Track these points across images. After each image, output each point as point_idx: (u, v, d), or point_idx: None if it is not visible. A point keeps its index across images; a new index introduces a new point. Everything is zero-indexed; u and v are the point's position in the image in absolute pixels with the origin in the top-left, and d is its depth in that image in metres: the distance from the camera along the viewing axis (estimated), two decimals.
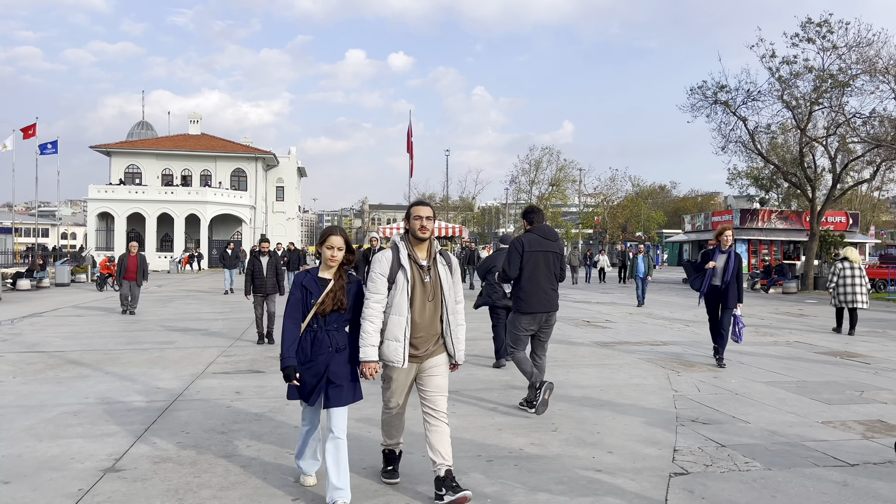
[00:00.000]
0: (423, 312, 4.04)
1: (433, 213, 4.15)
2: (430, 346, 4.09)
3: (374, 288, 3.99)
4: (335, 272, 4.01)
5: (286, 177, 62.08)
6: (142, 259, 15.77)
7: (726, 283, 8.55)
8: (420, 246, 4.09)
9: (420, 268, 4.07)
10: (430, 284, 4.07)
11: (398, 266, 4.02)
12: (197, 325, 13.43)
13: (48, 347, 10.33)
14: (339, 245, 3.96)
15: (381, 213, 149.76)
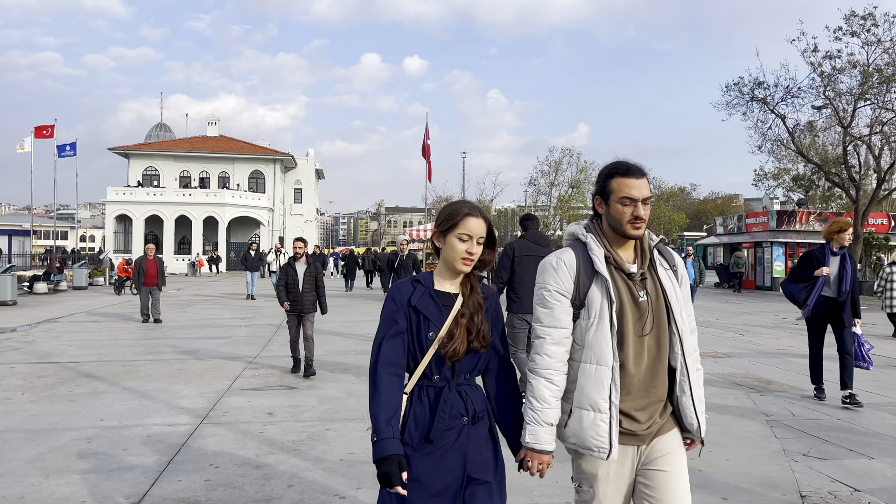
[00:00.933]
0: (639, 356, 2.25)
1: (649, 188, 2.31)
2: (656, 417, 2.29)
3: (551, 318, 2.25)
4: (463, 282, 2.32)
5: (304, 179, 61.60)
6: (160, 263, 14.81)
7: (845, 293, 6.84)
8: (624, 246, 2.34)
9: (629, 278, 2.29)
10: (649, 306, 2.27)
11: (591, 276, 2.26)
12: (219, 332, 12.68)
13: (62, 357, 9.61)
14: (479, 234, 2.25)
15: (398, 215, 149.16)
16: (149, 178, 53.01)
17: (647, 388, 2.27)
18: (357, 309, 17.49)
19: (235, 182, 54.02)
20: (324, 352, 10.10)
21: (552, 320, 2.26)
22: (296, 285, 8.37)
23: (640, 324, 2.25)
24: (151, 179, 53.02)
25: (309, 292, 8.43)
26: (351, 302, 19.72)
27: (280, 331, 12.78)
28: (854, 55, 23.39)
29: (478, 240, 2.25)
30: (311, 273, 8.48)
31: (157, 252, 15.27)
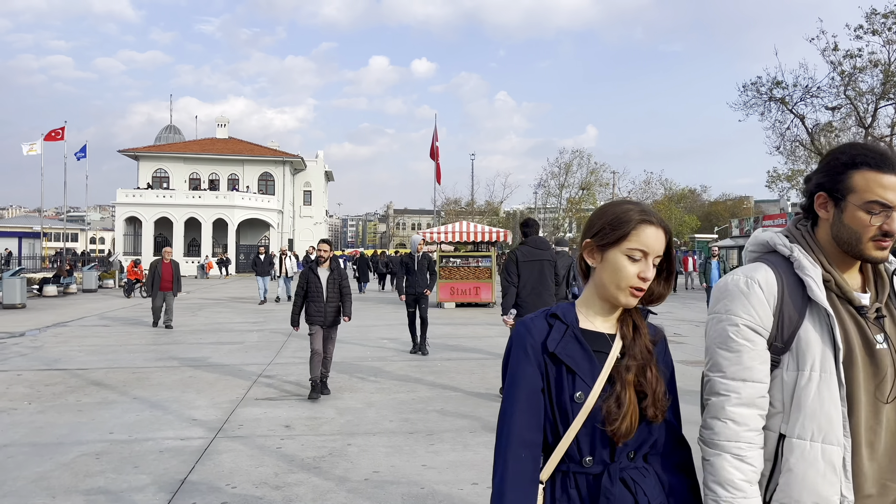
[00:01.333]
0: (874, 432, 1.50)
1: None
2: None
3: (739, 366, 1.53)
4: (622, 318, 1.58)
5: (314, 181, 61.48)
6: (176, 266, 14.07)
7: None
8: (850, 269, 1.58)
9: (860, 315, 1.54)
10: (890, 357, 1.51)
11: (801, 307, 1.53)
12: (231, 337, 12.39)
13: (70, 364, 9.34)
14: (657, 251, 1.51)
15: (407, 217, 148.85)
16: (158, 181, 52.97)
17: (884, 480, 1.50)
18: (370, 312, 17.18)
19: (245, 184, 53.93)
20: (339, 358, 9.79)
21: (740, 370, 1.52)
22: (319, 294, 7.45)
23: (876, 382, 1.50)
24: (161, 181, 52.99)
25: (333, 301, 7.52)
26: (364, 305, 19.41)
27: (295, 336, 12.48)
28: (875, 54, 22.95)
29: (654, 259, 1.50)
30: (334, 280, 7.52)
31: None
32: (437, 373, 8.71)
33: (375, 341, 11.79)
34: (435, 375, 8.52)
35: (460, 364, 9.43)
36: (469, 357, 10.11)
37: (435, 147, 50.14)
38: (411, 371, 8.83)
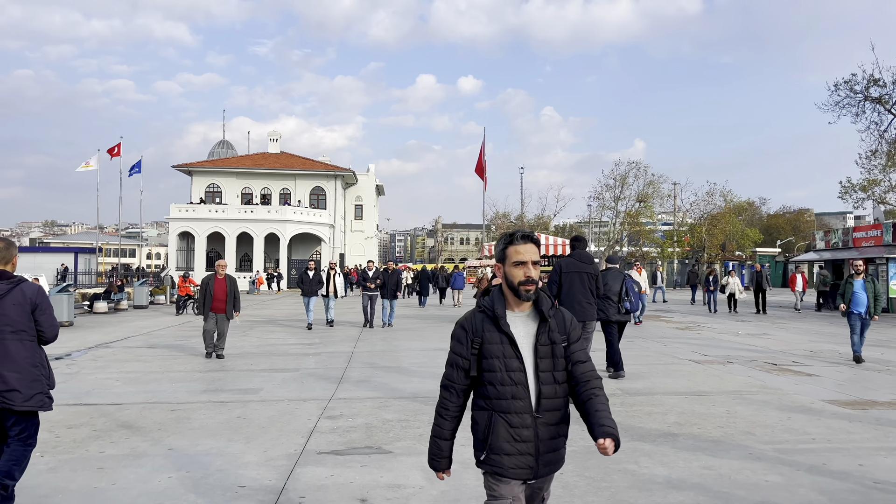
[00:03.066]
0: None
1: None
2: None
3: None
4: None
5: (365, 195, 60.75)
6: (231, 283, 11.72)
7: None
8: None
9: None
10: None
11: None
12: (285, 363, 11.03)
13: (103, 397, 8.05)
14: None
15: (455, 232, 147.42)
16: (211, 195, 52.91)
17: None
18: (433, 333, 15.67)
19: (297, 198, 53.43)
20: (410, 393, 8.29)
21: None
22: None
23: None
24: (214, 196, 52.92)
25: None
26: (425, 323, 17.93)
27: (355, 362, 11.04)
28: None
29: None
30: None
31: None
32: None
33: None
34: None
35: None
36: None
37: (482, 161, 48.86)
38: None
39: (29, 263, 42.48)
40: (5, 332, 4.01)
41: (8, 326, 4.02)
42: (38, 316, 4.13)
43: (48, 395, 4.20)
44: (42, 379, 4.13)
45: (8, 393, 3.99)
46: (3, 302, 4.04)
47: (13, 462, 4.09)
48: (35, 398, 4.08)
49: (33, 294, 4.13)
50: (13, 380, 3.99)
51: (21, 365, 4.03)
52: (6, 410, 4.03)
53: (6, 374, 3.98)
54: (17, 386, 3.99)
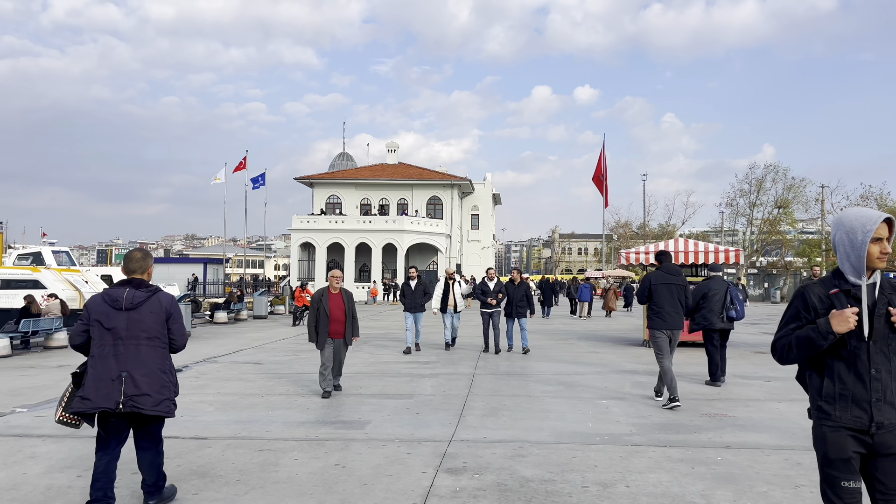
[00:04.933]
0: None
1: None
2: None
3: None
4: None
5: (481, 204, 59.48)
6: (349, 299, 9.00)
7: None
8: None
9: None
10: None
11: None
12: (398, 385, 9.59)
13: (187, 428, 6.90)
14: None
15: (573, 242, 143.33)
16: (331, 207, 53.59)
17: None
18: (563, 351, 13.81)
19: (414, 208, 53.05)
20: (550, 437, 6.55)
21: None
22: None
23: None
24: (334, 207, 53.56)
25: None
26: (552, 341, 16.07)
27: (478, 387, 9.43)
28: None
29: None
30: None
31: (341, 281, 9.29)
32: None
33: (592, 403, 8.39)
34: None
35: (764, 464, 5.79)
36: (773, 448, 6.41)
37: (602, 169, 46.26)
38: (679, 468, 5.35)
39: (162, 273, 44.47)
40: (140, 339, 4.17)
41: (143, 333, 4.18)
42: (171, 324, 4.30)
43: (174, 402, 4.32)
44: (170, 385, 4.27)
45: (139, 397, 4.11)
46: (141, 309, 4.21)
47: (156, 471, 4.33)
48: (163, 404, 4.21)
49: (168, 303, 4.31)
50: (144, 384, 4.11)
51: (153, 370, 4.17)
52: (135, 415, 4.18)
53: (138, 379, 4.11)
54: (148, 391, 4.12)
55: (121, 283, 4.34)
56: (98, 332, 4.18)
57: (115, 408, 4.06)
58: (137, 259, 4.38)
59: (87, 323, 4.23)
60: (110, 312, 4.19)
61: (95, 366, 4.13)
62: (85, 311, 4.26)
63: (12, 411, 7.71)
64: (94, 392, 4.06)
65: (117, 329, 4.15)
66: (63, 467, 5.41)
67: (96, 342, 4.18)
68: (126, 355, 4.14)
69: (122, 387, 4.08)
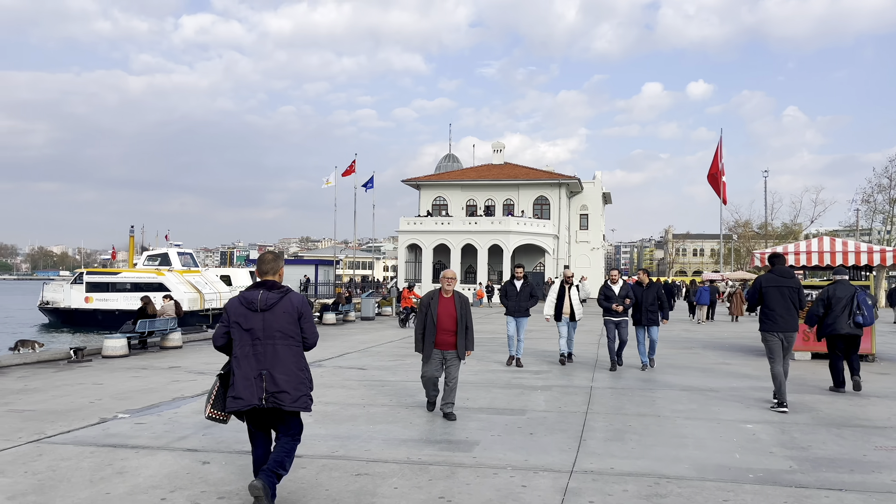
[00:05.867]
0: None
1: None
2: None
3: None
4: None
5: (590, 204, 57.59)
6: (463, 304, 7.55)
7: None
8: None
9: None
10: None
11: None
12: (507, 398, 8.77)
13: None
14: None
15: (687, 242, 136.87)
16: (437, 208, 53.56)
17: None
18: (689, 361, 12.50)
19: (520, 209, 52.07)
20: (692, 471, 5.52)
21: None
22: None
23: None
24: (440, 209, 53.50)
25: None
26: (676, 350, 14.71)
27: (597, 404, 8.46)
28: None
29: None
30: None
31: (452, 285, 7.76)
32: None
33: (735, 427, 7.22)
34: None
35: None
36: None
37: (719, 166, 43.32)
38: None
39: None
40: (276, 338, 4.36)
41: (279, 332, 4.37)
42: (303, 324, 4.48)
43: (310, 397, 4.50)
44: (306, 382, 4.46)
45: (279, 394, 4.32)
46: (275, 310, 4.38)
47: (285, 454, 4.42)
48: (301, 399, 4.40)
49: (300, 303, 4.49)
50: (283, 382, 4.31)
51: (290, 368, 4.36)
52: (276, 410, 4.38)
53: (277, 377, 4.31)
54: (287, 388, 4.31)
55: (255, 285, 4.51)
56: (238, 333, 4.40)
57: (259, 404, 4.30)
58: (269, 261, 4.55)
59: (227, 325, 4.46)
60: (247, 314, 4.39)
61: (240, 365, 4.35)
62: (225, 313, 4.51)
63: (115, 416, 7.56)
64: (243, 390, 4.30)
65: (255, 330, 4.36)
66: (149, 487, 5.01)
67: (237, 343, 4.39)
68: (264, 354, 4.34)
69: (263, 384, 4.30)
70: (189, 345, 16.07)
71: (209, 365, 12.26)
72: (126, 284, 35.59)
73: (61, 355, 13.09)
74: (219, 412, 4.50)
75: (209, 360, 12.93)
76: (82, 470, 5.41)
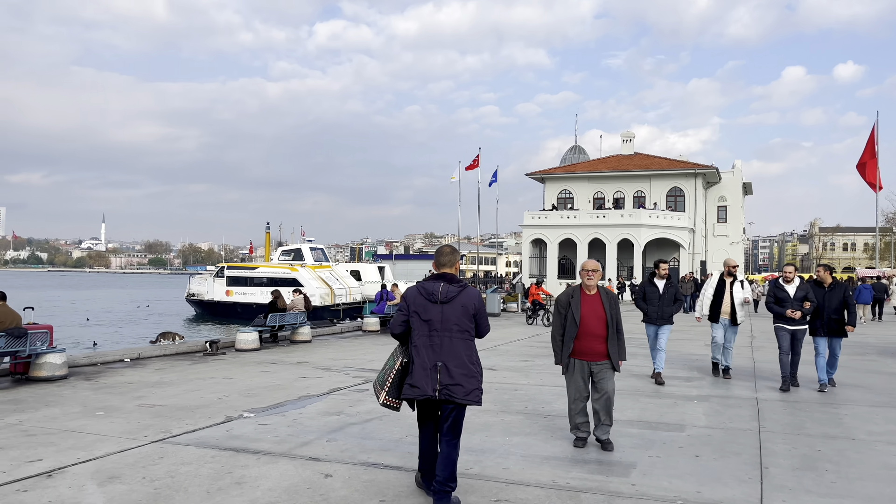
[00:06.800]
0: None
1: None
2: None
3: None
4: None
5: (729, 195, 53.74)
6: (611, 303, 6.16)
7: None
8: None
9: None
10: None
11: None
12: (659, 410, 7.69)
13: (407, 458, 5.76)
14: None
15: (837, 236, 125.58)
16: (563, 202, 52.02)
17: None
18: (863, 367, 10.72)
19: (652, 201, 49.44)
20: None
21: None
22: None
23: None
24: (565, 202, 51.94)
25: None
26: (848, 357, 12.83)
27: (770, 420, 7.19)
28: None
29: None
30: None
31: (600, 278, 6.68)
32: None
33: None
34: None
35: None
36: None
37: (873, 152, 38.79)
38: None
39: (403, 270, 46.48)
40: (453, 331, 4.41)
41: (455, 325, 4.42)
42: (478, 319, 4.55)
43: (481, 391, 4.50)
44: (477, 375, 4.47)
45: (452, 386, 4.36)
46: (454, 303, 4.43)
47: (450, 467, 4.39)
48: (472, 393, 4.43)
49: (476, 299, 4.53)
50: (457, 374, 4.36)
51: (463, 361, 4.40)
52: (448, 402, 4.40)
53: (452, 369, 4.37)
54: (460, 381, 4.36)
55: (434, 276, 4.59)
56: (417, 322, 4.47)
57: (433, 395, 4.35)
58: (447, 254, 4.64)
59: (406, 314, 4.53)
60: (427, 305, 4.45)
61: (419, 354, 4.42)
62: (403, 302, 4.58)
63: (240, 415, 7.27)
64: (421, 380, 4.36)
65: (433, 321, 4.41)
66: (266, 503, 4.50)
67: (416, 332, 4.47)
68: (441, 346, 4.39)
69: (438, 375, 4.35)
70: (318, 339, 16.07)
71: (336, 361, 12.02)
72: (262, 279, 37.10)
73: (198, 348, 13.36)
74: (393, 399, 4.55)
75: (336, 356, 12.71)
76: (200, 478, 5.02)
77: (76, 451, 5.71)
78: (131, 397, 8.28)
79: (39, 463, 5.37)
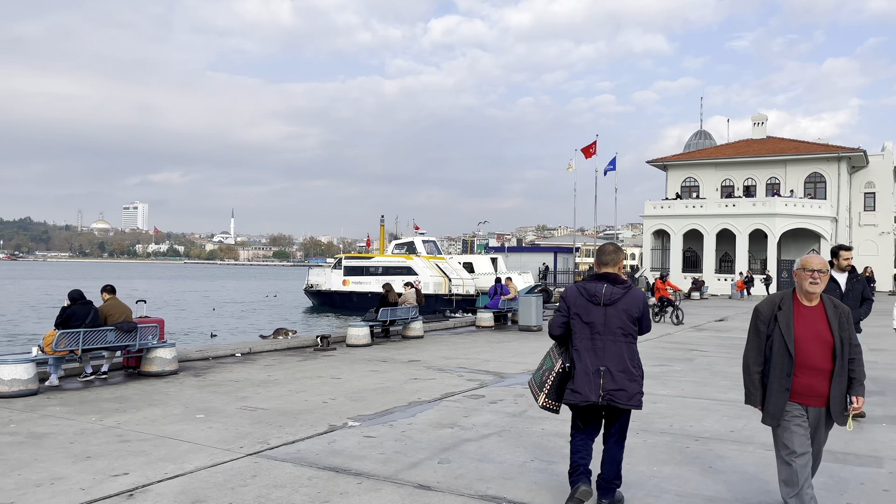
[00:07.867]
0: None
1: None
2: None
3: None
4: None
5: (878, 180, 48.59)
6: (841, 320, 3.94)
7: None
8: None
9: None
10: None
11: None
12: (844, 440, 6.26)
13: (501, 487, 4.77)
14: None
15: None
16: (687, 190, 48.92)
17: None
18: None
19: (787, 188, 45.41)
20: None
21: None
22: None
23: None
24: (690, 191, 48.81)
25: None
26: None
27: None
28: None
29: None
30: None
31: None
32: None
33: None
34: None
35: None
36: None
37: None
38: None
39: (516, 262, 45.38)
40: (617, 334, 4.22)
41: (620, 329, 4.22)
42: (642, 321, 4.34)
43: (642, 394, 4.32)
44: (639, 379, 4.30)
45: (616, 392, 4.17)
46: (618, 305, 4.22)
47: (616, 466, 4.32)
48: (635, 397, 4.23)
49: (642, 300, 4.32)
50: (621, 379, 4.18)
51: (626, 366, 4.22)
52: (612, 408, 4.24)
53: (615, 374, 4.18)
54: (623, 386, 4.18)
55: (595, 276, 4.36)
56: (578, 325, 4.28)
57: (596, 401, 4.17)
58: (610, 252, 4.41)
59: (566, 315, 4.34)
60: (589, 307, 4.25)
61: (580, 359, 4.24)
62: (562, 303, 4.40)
63: (344, 424, 6.57)
64: (583, 385, 4.18)
65: (595, 324, 4.22)
66: None
67: (577, 335, 4.28)
68: (604, 350, 4.21)
69: (601, 381, 4.17)
70: (430, 335, 15.40)
71: (449, 360, 11.21)
72: (378, 269, 37.26)
73: (309, 342, 13.01)
74: (553, 402, 4.41)
75: (449, 355, 11.91)
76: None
77: (165, 464, 5.18)
78: (235, 398, 7.82)
79: (124, 478, 4.86)
